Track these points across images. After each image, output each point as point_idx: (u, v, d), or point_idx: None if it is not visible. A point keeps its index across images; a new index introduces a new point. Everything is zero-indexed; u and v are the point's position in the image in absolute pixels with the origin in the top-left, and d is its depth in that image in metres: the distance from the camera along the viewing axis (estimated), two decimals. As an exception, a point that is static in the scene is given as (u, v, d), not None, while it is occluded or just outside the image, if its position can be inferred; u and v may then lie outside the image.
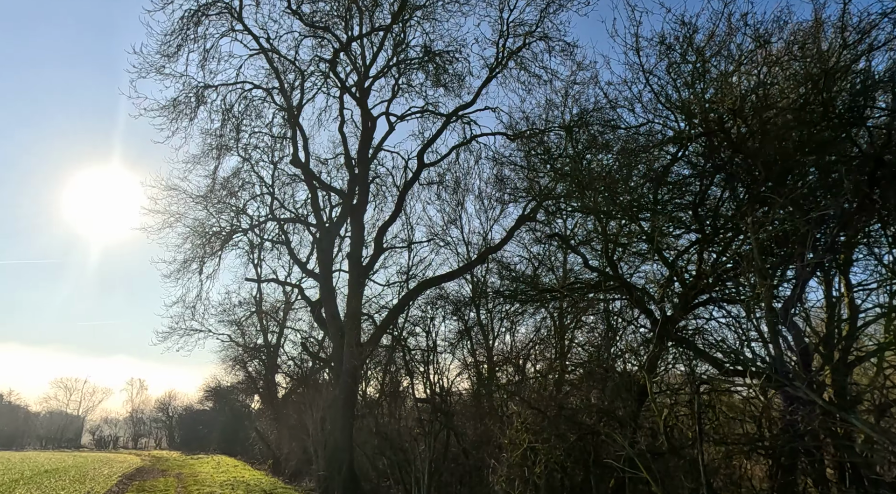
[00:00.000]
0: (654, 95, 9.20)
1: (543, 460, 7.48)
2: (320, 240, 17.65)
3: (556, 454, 7.31)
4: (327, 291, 16.77)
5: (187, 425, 53.26)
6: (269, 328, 29.41)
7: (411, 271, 19.87)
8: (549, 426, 7.57)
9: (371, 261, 16.41)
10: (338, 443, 14.97)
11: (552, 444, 7.44)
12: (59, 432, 57.64)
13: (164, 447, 56.12)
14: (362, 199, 16.22)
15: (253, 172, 21.11)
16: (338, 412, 15.19)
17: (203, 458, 33.81)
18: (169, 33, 14.82)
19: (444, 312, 15.30)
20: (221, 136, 18.62)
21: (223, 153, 19.33)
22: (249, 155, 20.80)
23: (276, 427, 25.42)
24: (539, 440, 7.69)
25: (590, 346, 10.53)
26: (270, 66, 16.73)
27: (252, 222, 21.91)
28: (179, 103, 16.95)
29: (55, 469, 22.81)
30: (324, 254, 17.22)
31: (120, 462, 30.16)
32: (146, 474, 22.69)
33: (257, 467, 25.93)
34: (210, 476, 21.07)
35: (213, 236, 20.81)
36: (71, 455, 37.62)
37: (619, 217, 9.54)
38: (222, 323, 28.96)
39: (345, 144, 18.35)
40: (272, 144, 20.71)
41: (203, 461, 31.05)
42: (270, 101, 18.29)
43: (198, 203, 20.14)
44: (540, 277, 12.44)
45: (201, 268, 20.04)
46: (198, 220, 20.37)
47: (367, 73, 16.85)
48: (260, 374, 28.77)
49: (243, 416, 37.41)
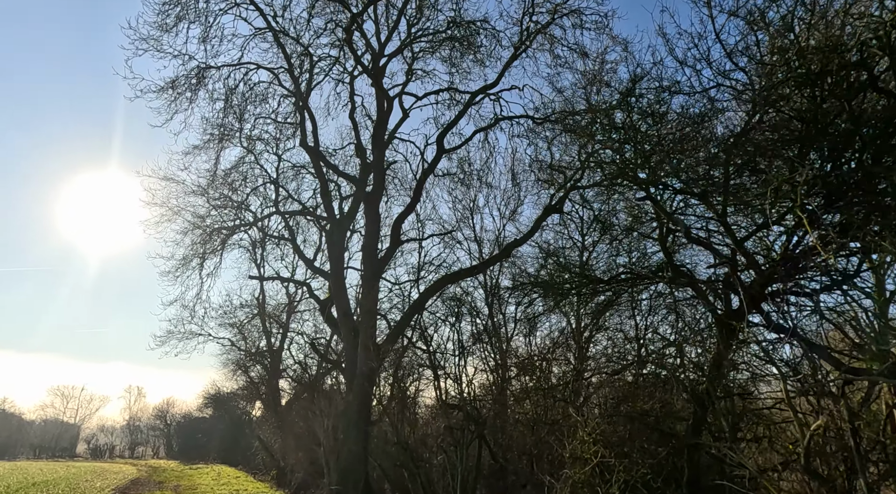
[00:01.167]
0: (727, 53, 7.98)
1: (623, 477, 6.10)
2: (331, 233, 16.29)
3: (641, 471, 5.92)
4: (338, 287, 15.40)
5: (186, 433, 51.61)
6: (272, 331, 28.02)
7: (422, 271, 18.55)
8: (630, 437, 6.17)
9: (387, 255, 15.05)
10: (352, 454, 13.56)
11: (634, 459, 6.06)
12: (54, 441, 55.93)
13: (161, 456, 54.41)
14: (378, 186, 14.89)
15: (257, 165, 19.82)
16: (352, 419, 13.79)
17: (202, 468, 32.27)
18: (167, 1, 13.53)
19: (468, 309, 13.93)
20: (223, 125, 17.34)
21: (225, 142, 18.04)
22: (253, 146, 19.51)
23: (280, 436, 23.94)
24: (615, 454, 6.32)
25: (661, 344, 9.15)
26: (277, 43, 15.45)
27: (256, 216, 20.57)
28: (179, 85, 15.68)
29: (44, 482, 21.32)
30: (335, 247, 15.85)
31: (114, 472, 28.63)
32: (141, 487, 21.21)
33: (260, 478, 24.42)
34: (210, 489, 19.60)
35: (215, 231, 19.48)
36: (64, 465, 36.04)
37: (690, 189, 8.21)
38: (223, 326, 27.60)
39: (356, 131, 17.06)
40: (277, 134, 19.42)
41: (202, 471, 29.52)
42: (277, 84, 17.01)
43: (198, 196, 18.85)
44: (590, 265, 11.02)
45: (202, 264, 18.69)
46: (198, 214, 19.04)
47: (381, 51, 15.57)
48: (262, 379, 27.32)
49: (244, 424, 35.89)
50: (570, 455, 6.86)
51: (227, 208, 19.83)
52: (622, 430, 6.59)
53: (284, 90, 17.40)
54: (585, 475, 6.57)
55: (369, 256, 14.40)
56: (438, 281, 14.35)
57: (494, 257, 14.89)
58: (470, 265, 16.70)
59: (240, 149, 19.24)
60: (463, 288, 16.19)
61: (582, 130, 10.77)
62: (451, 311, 12.66)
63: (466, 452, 10.40)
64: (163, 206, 18.12)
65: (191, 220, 18.88)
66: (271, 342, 27.36)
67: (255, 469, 29.12)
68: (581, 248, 17.90)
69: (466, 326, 16.18)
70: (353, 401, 13.96)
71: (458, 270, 15.15)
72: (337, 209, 18.04)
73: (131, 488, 20.65)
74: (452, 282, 14.51)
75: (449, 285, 15.36)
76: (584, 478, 6.59)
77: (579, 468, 6.69)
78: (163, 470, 31.31)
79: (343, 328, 15.07)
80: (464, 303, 13.43)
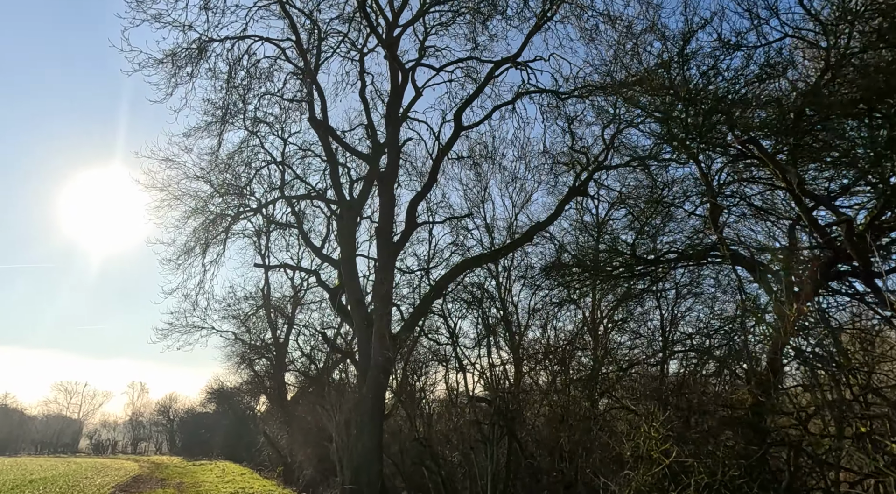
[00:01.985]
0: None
1: (705, 480, 5.15)
2: (341, 217, 15.34)
3: (730, 473, 4.98)
4: (350, 274, 14.47)
5: (189, 429, 50.88)
6: (277, 324, 27.12)
7: (433, 260, 17.58)
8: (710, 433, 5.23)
9: (402, 238, 14.08)
10: (367, 450, 12.66)
11: (719, 459, 5.11)
12: (56, 436, 55.27)
13: (164, 452, 53.73)
14: (392, 165, 13.92)
15: (261, 149, 18.82)
16: (366, 413, 12.87)
17: (206, 464, 31.48)
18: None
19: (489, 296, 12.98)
20: (226, 104, 16.35)
21: (227, 124, 17.06)
22: (257, 128, 18.50)
23: (286, 431, 23.09)
24: (689, 453, 5.38)
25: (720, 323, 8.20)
26: (284, 12, 14.46)
27: (260, 202, 19.61)
28: (179, 58, 14.70)
29: (42, 479, 20.50)
30: (345, 232, 14.90)
31: (116, 469, 27.83)
32: (143, 484, 20.38)
33: (266, 475, 23.59)
34: (215, 487, 18.75)
35: (218, 217, 18.54)
36: (65, 461, 35.29)
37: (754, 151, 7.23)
38: (226, 319, 26.72)
39: (366, 109, 16.08)
40: (283, 116, 18.41)
41: (206, 468, 28.70)
42: (283, 59, 16.02)
43: (200, 180, 17.90)
44: (639, 244, 10.02)
45: (205, 252, 17.75)
46: (200, 198, 18.08)
47: (395, 20, 14.56)
48: (268, 373, 26.45)
49: (248, 419, 35.09)
50: (632, 454, 5.92)
51: (230, 194, 18.87)
52: (696, 425, 5.64)
53: (291, 66, 16.43)
54: (655, 476, 5.63)
55: (384, 239, 13.46)
56: (459, 265, 13.41)
57: (518, 239, 13.93)
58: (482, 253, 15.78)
59: (243, 132, 18.27)
60: (473, 277, 15.25)
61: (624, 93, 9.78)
62: (474, 297, 11.68)
63: (496, 449, 9.49)
64: (163, 190, 17.18)
65: (192, 205, 17.97)
66: (277, 335, 26.48)
67: (260, 465, 28.31)
68: (598, 232, 17.03)
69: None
70: (367, 394, 13.05)
71: (478, 254, 14.18)
72: (347, 194, 17.09)
73: (132, 485, 19.82)
74: (473, 267, 13.58)
75: (466, 272, 14.44)
76: (653, 480, 5.64)
77: (645, 468, 5.74)
78: (165, 467, 30.53)
79: (355, 317, 14.15)
80: (485, 290, 12.44)
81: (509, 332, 13.90)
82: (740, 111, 7.63)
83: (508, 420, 9.75)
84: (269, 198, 19.62)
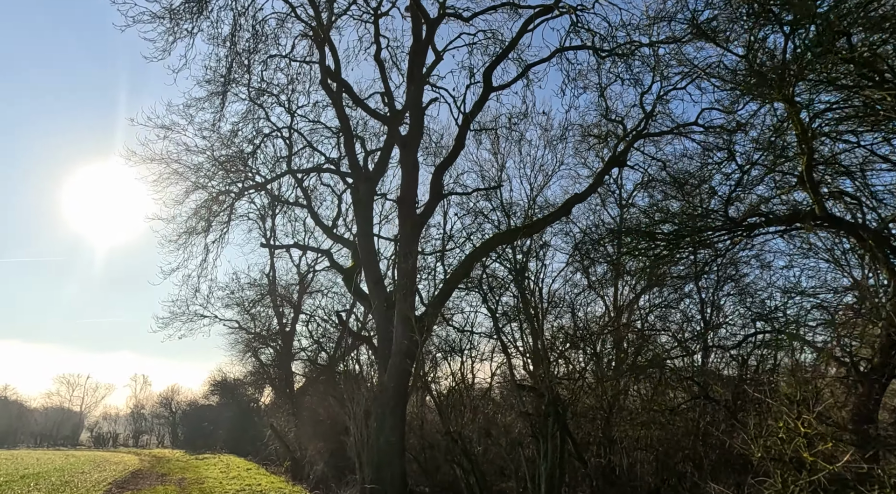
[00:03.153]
0: None
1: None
2: (356, 189, 13.91)
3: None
4: (368, 251, 13.08)
5: (191, 421, 49.67)
6: (283, 312, 25.79)
7: (448, 243, 16.16)
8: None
9: (427, 209, 12.65)
10: (389, 445, 11.32)
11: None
12: (55, 428, 54.18)
13: (166, 445, 52.60)
14: (415, 128, 12.48)
15: (267, 122, 17.36)
16: (388, 405, 11.52)
17: (209, 458, 30.23)
18: None
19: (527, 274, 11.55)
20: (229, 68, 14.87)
21: (230, 93, 15.62)
22: (262, 100, 17.03)
23: (294, 424, 21.79)
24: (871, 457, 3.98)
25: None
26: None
27: (265, 178, 18.18)
28: (177, 13, 13.24)
29: (35, 474, 19.24)
30: (362, 205, 13.47)
31: (115, 463, 26.60)
32: (142, 480, 19.11)
33: (273, 470, 22.31)
34: (219, 483, 17.46)
35: (221, 193, 17.14)
36: (63, 455, 34.12)
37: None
38: (229, 307, 25.40)
39: (382, 74, 14.64)
40: (288, 87, 16.90)
41: (209, 462, 27.45)
42: (293, 16, 14.53)
43: (202, 153, 16.49)
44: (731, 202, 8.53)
45: (208, 229, 16.36)
46: (201, 173, 16.67)
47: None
48: (273, 362, 25.13)
49: (252, 411, 33.84)
50: (772, 457, 4.51)
51: (233, 170, 17.44)
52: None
53: (300, 26, 14.98)
54: (804, 487, 4.23)
55: (408, 210, 12.05)
56: (491, 239, 11.96)
57: (554, 213, 12.52)
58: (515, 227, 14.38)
59: (247, 104, 16.80)
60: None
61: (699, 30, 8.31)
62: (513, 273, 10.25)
63: (549, 445, 8.12)
64: (161, 161, 15.78)
65: (193, 180, 16.57)
66: (283, 323, 25.16)
67: (266, 459, 27.02)
68: (621, 205, 15.85)
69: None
70: (389, 383, 11.70)
71: (513, 227, 12.75)
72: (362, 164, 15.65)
73: (131, 481, 18.55)
74: (508, 242, 12.17)
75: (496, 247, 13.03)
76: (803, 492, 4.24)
77: (789, 475, 4.34)
78: (167, 461, 29.30)
79: (374, 299, 12.77)
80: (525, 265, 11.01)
81: (531, 319, 12.51)
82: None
83: (562, 412, 8.38)
84: (276, 173, 18.23)
